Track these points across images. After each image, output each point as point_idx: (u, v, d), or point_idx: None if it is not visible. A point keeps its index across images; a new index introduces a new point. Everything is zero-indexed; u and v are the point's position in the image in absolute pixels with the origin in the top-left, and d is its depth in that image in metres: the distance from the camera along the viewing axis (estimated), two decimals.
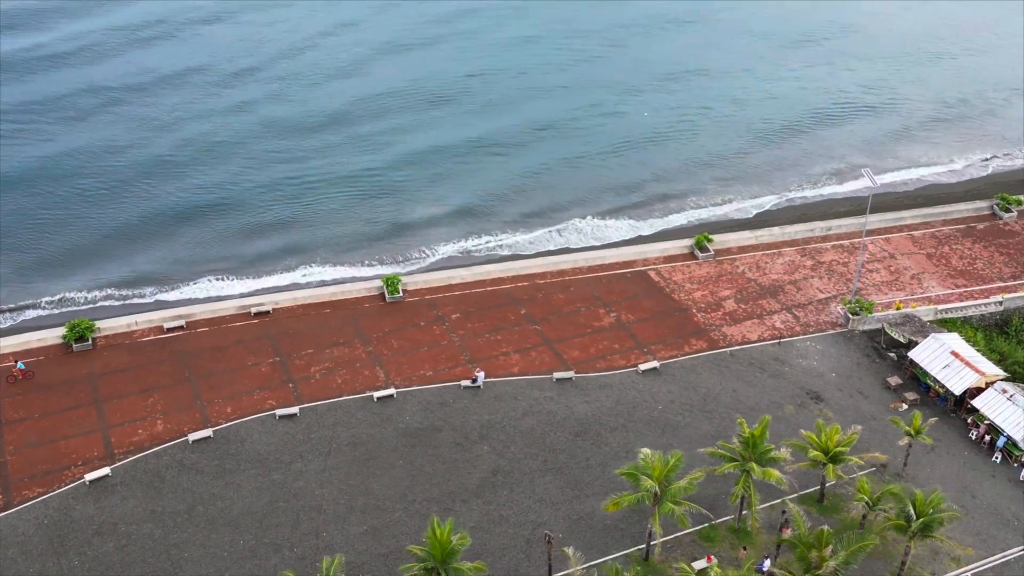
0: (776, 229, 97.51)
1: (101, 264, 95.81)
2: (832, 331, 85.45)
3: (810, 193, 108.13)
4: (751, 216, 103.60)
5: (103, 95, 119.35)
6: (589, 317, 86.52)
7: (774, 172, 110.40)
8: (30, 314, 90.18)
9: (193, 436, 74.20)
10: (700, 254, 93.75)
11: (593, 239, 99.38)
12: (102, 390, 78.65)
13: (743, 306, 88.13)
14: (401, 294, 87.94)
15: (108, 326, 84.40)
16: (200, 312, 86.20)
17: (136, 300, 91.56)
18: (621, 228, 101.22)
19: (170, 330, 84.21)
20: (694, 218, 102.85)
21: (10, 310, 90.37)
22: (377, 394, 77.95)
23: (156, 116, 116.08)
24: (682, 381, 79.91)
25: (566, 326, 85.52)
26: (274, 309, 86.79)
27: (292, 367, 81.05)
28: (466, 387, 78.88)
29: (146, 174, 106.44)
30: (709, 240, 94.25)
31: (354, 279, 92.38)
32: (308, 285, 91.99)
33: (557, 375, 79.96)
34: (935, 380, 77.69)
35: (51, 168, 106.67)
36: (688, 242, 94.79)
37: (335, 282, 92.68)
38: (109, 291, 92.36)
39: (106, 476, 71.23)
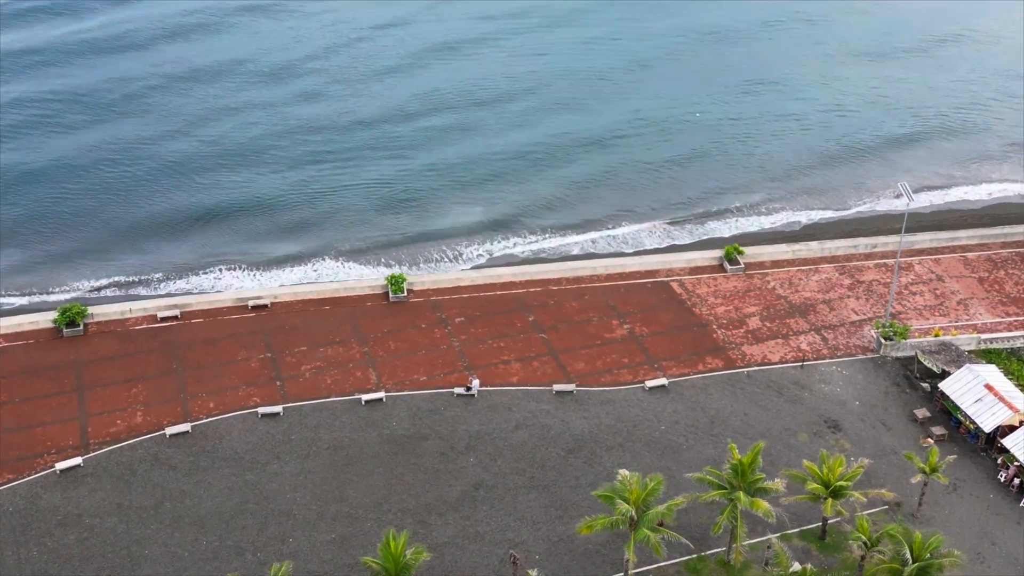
0: (815, 244, 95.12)
1: (112, 252, 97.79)
2: (862, 356, 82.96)
3: (864, 208, 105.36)
4: (797, 229, 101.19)
5: (131, 86, 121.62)
6: (600, 328, 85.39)
7: (829, 184, 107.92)
8: (35, 298, 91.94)
9: (171, 430, 75.04)
10: (729, 267, 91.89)
11: (624, 245, 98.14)
12: (86, 377, 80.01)
13: (768, 324, 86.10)
14: (405, 294, 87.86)
15: (101, 312, 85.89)
16: (196, 303, 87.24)
17: (140, 289, 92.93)
18: (656, 235, 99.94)
19: (164, 319, 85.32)
20: (735, 228, 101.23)
21: (16, 293, 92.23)
22: (366, 397, 77.94)
23: (185, 109, 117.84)
24: (691, 401, 78.33)
25: (575, 336, 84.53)
26: (272, 303, 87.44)
27: (283, 364, 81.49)
28: (459, 395, 78.43)
29: (170, 166, 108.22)
30: (740, 252, 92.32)
31: (360, 277, 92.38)
32: (313, 280, 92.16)
33: (557, 387, 79.04)
34: (965, 415, 74.82)
35: (70, 157, 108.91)
36: (718, 253, 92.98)
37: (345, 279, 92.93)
38: (117, 278, 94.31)
39: (77, 466, 72.41)
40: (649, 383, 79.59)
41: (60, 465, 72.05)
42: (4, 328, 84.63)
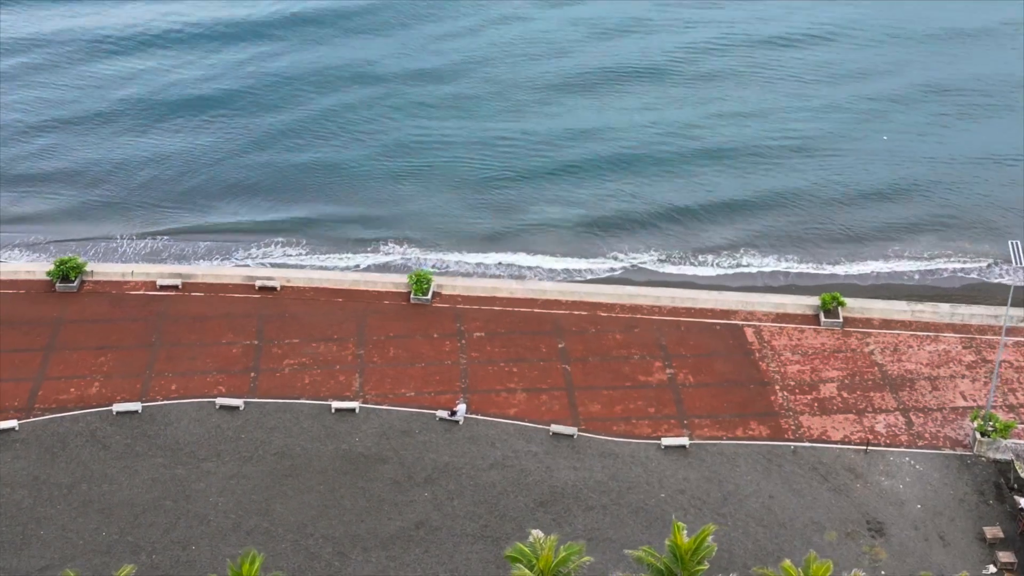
0: (945, 307, 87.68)
1: (158, 211, 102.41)
2: (949, 451, 75.85)
3: None
4: (925, 283, 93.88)
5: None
6: (637, 368, 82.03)
7: (993, 230, 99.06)
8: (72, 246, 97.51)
9: (119, 407, 77.74)
10: (824, 319, 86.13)
11: (714, 271, 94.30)
12: (60, 337, 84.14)
13: (846, 395, 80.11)
14: (429, 296, 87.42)
15: (102, 271, 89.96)
16: (202, 275, 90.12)
17: (164, 252, 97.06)
18: (747, 269, 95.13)
19: (163, 288, 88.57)
20: (844, 271, 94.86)
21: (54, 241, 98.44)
22: (337, 404, 78.16)
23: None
24: (710, 470, 73.98)
25: (603, 373, 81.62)
26: (283, 287, 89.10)
27: (266, 355, 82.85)
28: (442, 419, 77.37)
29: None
30: (840, 303, 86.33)
31: (387, 268, 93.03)
32: (334, 268, 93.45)
33: (555, 428, 76.61)
34: None
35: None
36: (815, 301, 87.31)
37: (376, 268, 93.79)
38: (154, 241, 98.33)
39: (12, 430, 76.23)
40: (667, 441, 75.73)
41: None
42: (2, 274, 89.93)
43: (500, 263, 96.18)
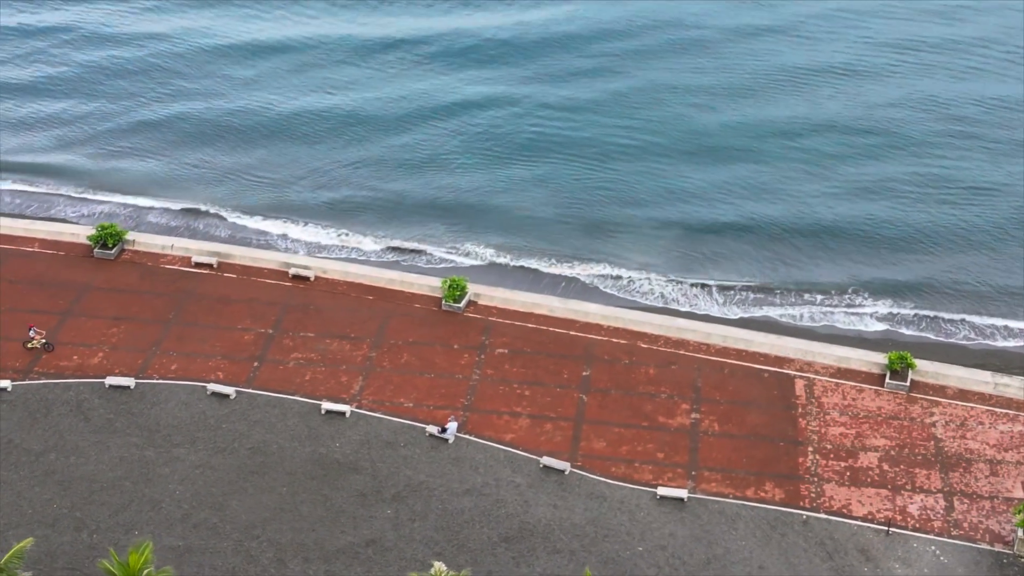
0: None
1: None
2: (985, 545, 69.09)
3: None
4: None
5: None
6: (660, 408, 78.15)
7: None
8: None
9: (112, 380, 79.08)
10: (889, 380, 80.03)
11: (788, 311, 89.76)
12: (81, 303, 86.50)
13: (886, 467, 74.15)
14: (462, 305, 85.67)
15: (143, 242, 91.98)
16: (240, 256, 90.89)
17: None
18: (824, 314, 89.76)
19: (197, 265, 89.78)
20: (943, 328, 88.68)
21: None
22: (329, 406, 77.36)
23: None
24: (702, 528, 69.65)
25: (620, 409, 78.12)
26: (316, 277, 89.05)
27: (275, 345, 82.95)
28: (431, 435, 75.51)
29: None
30: (909, 365, 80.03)
31: (435, 270, 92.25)
32: (376, 262, 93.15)
33: (546, 461, 73.70)
34: None
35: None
36: (883, 359, 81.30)
37: (423, 269, 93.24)
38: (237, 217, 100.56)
39: (3, 390, 78.46)
40: (663, 491, 71.71)
41: None
42: (44, 234, 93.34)
43: (558, 275, 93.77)
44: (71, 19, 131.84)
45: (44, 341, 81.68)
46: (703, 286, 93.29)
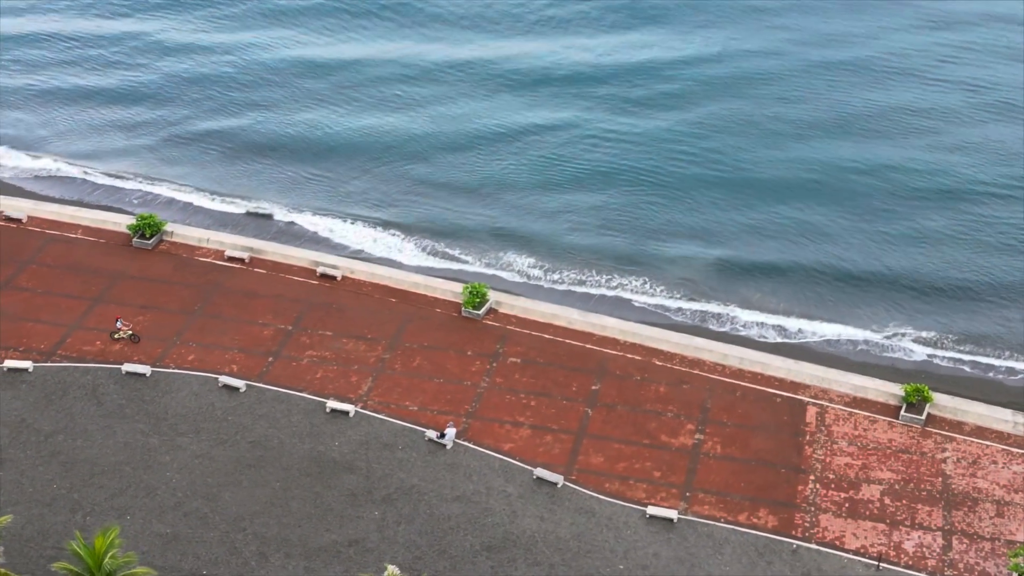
0: None
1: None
2: None
3: None
4: None
5: None
6: (664, 427, 77.92)
7: None
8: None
9: (129, 367, 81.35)
10: (904, 412, 78.67)
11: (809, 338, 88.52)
12: (113, 291, 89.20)
13: (887, 501, 72.92)
14: (481, 312, 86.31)
15: (181, 233, 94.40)
16: (271, 252, 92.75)
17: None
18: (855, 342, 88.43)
19: (230, 259, 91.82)
20: (943, 361, 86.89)
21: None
22: (334, 405, 78.59)
23: None
24: (687, 551, 69.33)
25: (624, 425, 78.06)
26: (343, 277, 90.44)
27: (292, 342, 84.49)
28: (430, 440, 76.32)
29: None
30: (926, 398, 78.53)
31: (457, 276, 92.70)
32: (403, 266, 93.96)
33: (540, 473, 73.95)
34: None
35: None
36: (901, 391, 79.96)
37: (454, 274, 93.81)
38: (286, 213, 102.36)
39: (24, 370, 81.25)
40: (653, 510, 71.47)
41: (9, 363, 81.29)
42: (88, 221, 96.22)
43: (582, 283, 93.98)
44: (152, 28, 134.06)
45: (131, 333, 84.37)
46: (739, 304, 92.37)
